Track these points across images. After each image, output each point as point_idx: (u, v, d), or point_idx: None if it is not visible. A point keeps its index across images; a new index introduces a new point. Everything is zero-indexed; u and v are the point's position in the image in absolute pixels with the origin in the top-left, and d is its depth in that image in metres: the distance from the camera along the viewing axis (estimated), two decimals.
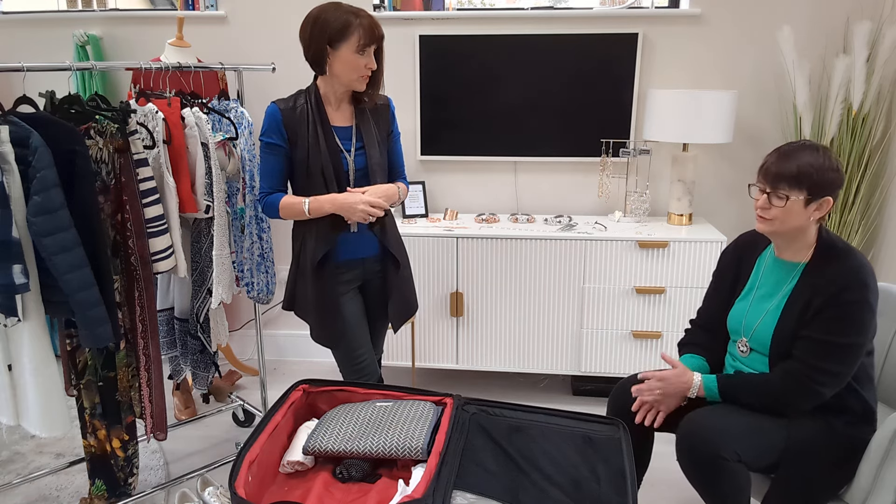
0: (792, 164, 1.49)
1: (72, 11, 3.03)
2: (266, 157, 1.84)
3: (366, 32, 1.72)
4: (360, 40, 1.72)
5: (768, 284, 1.67)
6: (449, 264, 2.68)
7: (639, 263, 2.60)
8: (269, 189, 1.86)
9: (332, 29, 1.71)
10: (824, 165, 1.49)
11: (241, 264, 2.29)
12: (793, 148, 1.52)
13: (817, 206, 1.51)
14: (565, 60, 2.80)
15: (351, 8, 1.74)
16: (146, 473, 2.32)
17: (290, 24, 2.92)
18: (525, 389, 2.99)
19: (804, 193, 1.49)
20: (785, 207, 1.51)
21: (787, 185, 1.50)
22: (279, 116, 1.81)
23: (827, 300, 1.50)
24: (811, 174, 1.48)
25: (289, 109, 1.81)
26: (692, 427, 1.55)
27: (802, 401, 1.53)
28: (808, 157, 1.49)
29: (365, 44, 1.73)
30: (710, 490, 1.53)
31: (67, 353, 1.89)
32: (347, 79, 1.78)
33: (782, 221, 1.53)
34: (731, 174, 2.91)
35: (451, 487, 1.34)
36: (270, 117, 1.81)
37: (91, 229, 1.69)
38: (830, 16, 2.69)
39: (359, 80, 1.79)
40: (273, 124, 1.81)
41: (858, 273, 1.49)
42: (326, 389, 1.72)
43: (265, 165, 1.85)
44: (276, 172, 1.85)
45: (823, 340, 1.51)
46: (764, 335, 1.62)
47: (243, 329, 3.33)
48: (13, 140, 1.56)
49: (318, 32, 1.73)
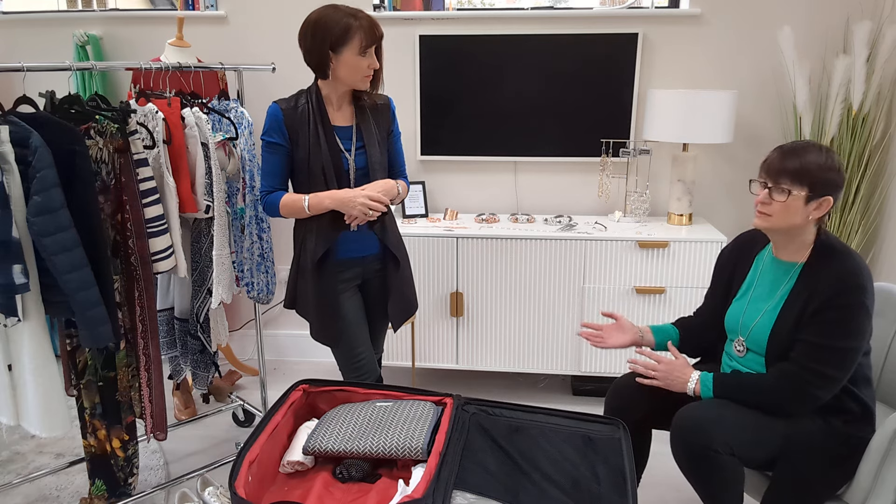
0: (796, 160, 1.50)
1: (72, 11, 3.03)
2: (267, 156, 1.85)
3: (366, 34, 1.72)
4: (361, 42, 1.72)
5: (766, 284, 1.67)
6: (449, 264, 2.68)
7: (639, 263, 2.60)
8: (269, 188, 1.86)
9: (333, 34, 1.71)
10: (827, 164, 1.49)
11: (241, 264, 2.30)
12: (797, 146, 1.53)
13: (817, 205, 1.51)
14: (565, 60, 2.80)
15: (349, 10, 1.73)
16: (146, 473, 2.32)
17: (290, 24, 2.93)
18: (525, 389, 2.99)
19: (805, 190, 1.50)
20: (785, 203, 1.52)
21: (790, 179, 1.50)
22: (280, 116, 1.81)
23: (824, 303, 1.50)
24: (814, 171, 1.49)
25: (290, 109, 1.82)
26: (685, 419, 1.55)
27: (798, 405, 1.53)
28: (812, 155, 1.50)
29: (366, 45, 1.73)
30: (702, 482, 1.54)
31: (67, 353, 1.89)
32: (351, 81, 1.79)
33: (781, 217, 1.54)
34: (731, 174, 2.91)
35: (451, 487, 1.34)
36: (272, 117, 1.82)
37: (91, 229, 1.69)
38: (830, 16, 2.69)
39: (362, 80, 1.79)
40: (274, 124, 1.82)
41: (856, 276, 1.49)
42: (326, 389, 1.72)
43: (266, 165, 1.85)
44: (276, 171, 1.85)
45: (820, 344, 1.50)
46: (760, 336, 1.62)
47: (243, 329, 3.33)
48: (13, 140, 1.56)
49: (318, 38, 1.73)
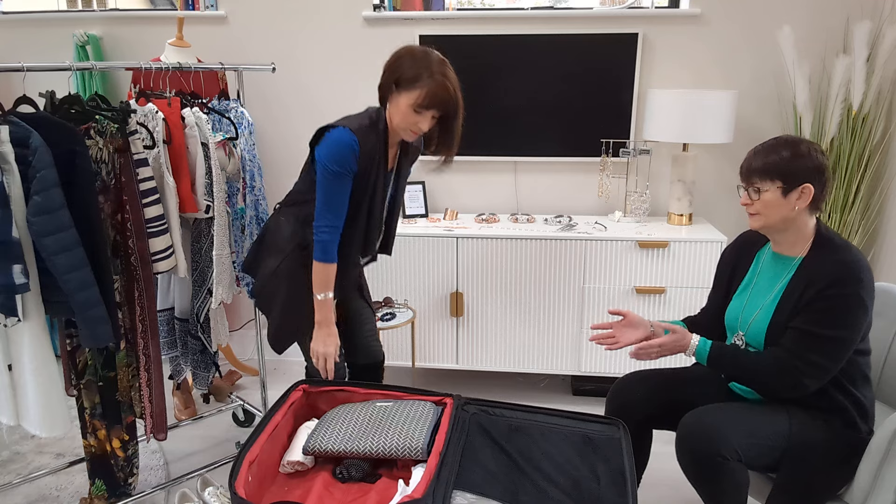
0: (761, 158, 1.55)
1: (72, 11, 3.03)
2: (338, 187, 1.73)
3: (428, 94, 1.64)
4: (419, 98, 1.65)
5: (765, 279, 1.67)
6: (449, 264, 2.68)
7: (639, 263, 2.60)
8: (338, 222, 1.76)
9: (404, 74, 1.66)
10: (795, 153, 1.52)
11: (241, 264, 2.30)
12: (766, 144, 1.57)
13: (798, 194, 1.53)
14: (565, 60, 2.80)
15: (434, 65, 1.65)
16: (146, 473, 2.32)
17: (290, 24, 2.92)
18: (525, 389, 2.99)
19: (778, 183, 1.53)
20: (762, 200, 1.55)
21: (759, 177, 1.55)
22: (357, 150, 1.71)
23: (819, 292, 1.51)
24: (779, 164, 1.52)
25: (364, 142, 1.73)
26: (693, 426, 1.55)
27: (785, 389, 1.54)
28: (780, 149, 1.53)
29: (425, 105, 1.66)
30: (709, 488, 1.53)
31: (67, 353, 1.89)
32: (396, 124, 1.73)
33: (766, 214, 1.57)
34: (731, 174, 2.91)
35: (451, 487, 1.35)
36: (348, 147, 1.70)
37: (91, 229, 1.69)
38: (830, 16, 2.69)
39: (406, 132, 1.73)
40: (350, 155, 1.71)
41: (853, 267, 1.49)
42: (326, 389, 1.72)
43: (336, 196, 1.74)
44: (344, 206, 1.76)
45: (809, 331, 1.51)
46: (759, 330, 1.63)
47: (243, 329, 3.33)
48: (13, 140, 1.56)
49: (394, 68, 1.69)
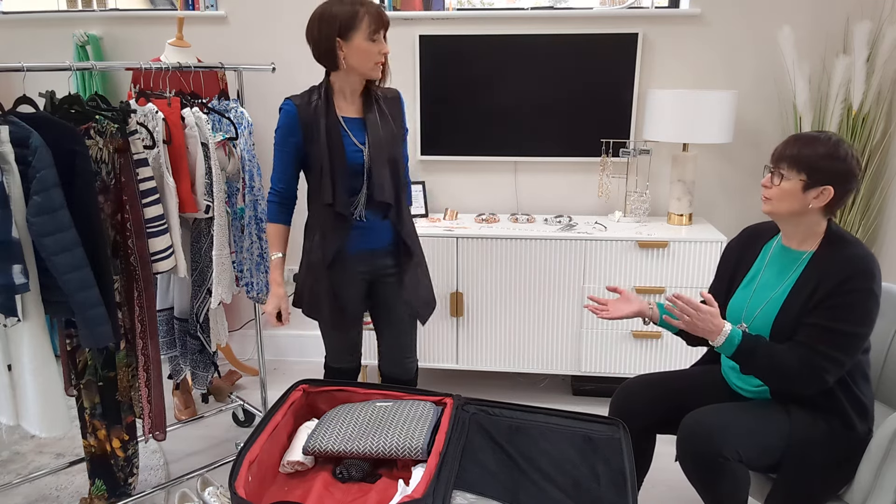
0: (796, 147, 1.52)
1: (72, 11, 3.03)
2: (278, 153, 1.85)
3: (374, 18, 1.73)
4: (370, 27, 1.73)
5: (773, 272, 1.66)
6: (449, 264, 2.68)
7: (639, 263, 2.59)
8: (279, 185, 1.87)
9: (341, 21, 1.72)
10: (829, 154, 1.49)
11: (241, 264, 2.30)
12: (807, 135, 1.54)
13: (817, 193, 1.51)
14: (565, 60, 2.80)
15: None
16: (146, 473, 2.32)
17: (290, 24, 2.92)
18: (525, 389, 2.99)
19: (803, 176, 1.51)
20: (781, 187, 1.54)
21: (787, 164, 1.53)
22: (294, 111, 1.81)
23: (834, 287, 1.50)
24: (811, 158, 1.49)
25: (304, 105, 1.82)
26: (693, 427, 1.55)
27: (808, 386, 1.51)
28: (818, 145, 1.50)
29: (375, 29, 1.74)
30: (709, 489, 1.53)
31: (67, 353, 1.89)
32: (364, 68, 1.78)
33: (778, 201, 1.55)
34: (731, 174, 2.91)
35: (451, 487, 1.34)
36: (286, 113, 1.82)
37: (91, 229, 1.69)
38: (830, 16, 2.69)
39: (375, 67, 1.79)
40: (289, 120, 1.82)
41: (866, 262, 1.49)
42: (326, 389, 1.72)
43: (276, 163, 1.86)
44: (287, 168, 1.86)
45: (829, 327, 1.49)
46: (764, 323, 1.61)
47: (243, 329, 3.33)
48: (13, 140, 1.56)
49: (326, 27, 1.74)
